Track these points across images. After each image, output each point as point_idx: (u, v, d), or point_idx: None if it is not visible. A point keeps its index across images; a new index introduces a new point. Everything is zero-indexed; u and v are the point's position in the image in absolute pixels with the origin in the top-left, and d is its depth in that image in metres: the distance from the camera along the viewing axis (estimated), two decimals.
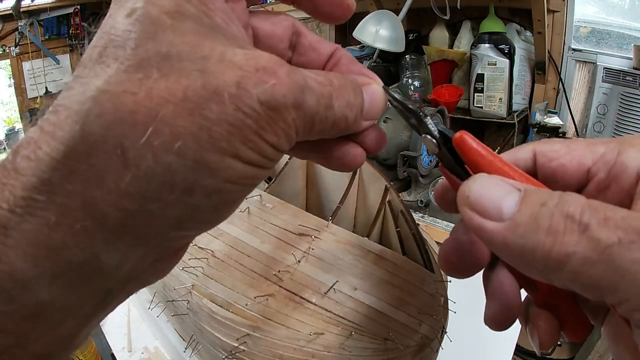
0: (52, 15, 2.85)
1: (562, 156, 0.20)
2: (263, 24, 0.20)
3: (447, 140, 0.20)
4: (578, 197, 0.15)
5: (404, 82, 1.54)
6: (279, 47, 0.20)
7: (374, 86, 0.21)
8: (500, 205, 0.16)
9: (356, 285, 0.31)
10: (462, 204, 0.18)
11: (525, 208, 0.16)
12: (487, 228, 0.16)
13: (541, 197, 0.16)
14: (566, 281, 0.15)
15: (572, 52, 1.35)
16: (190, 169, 0.14)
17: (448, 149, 0.20)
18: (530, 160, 0.21)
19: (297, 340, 0.31)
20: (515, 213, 0.16)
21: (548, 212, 0.15)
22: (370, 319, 0.30)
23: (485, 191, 0.17)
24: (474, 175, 0.18)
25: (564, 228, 0.15)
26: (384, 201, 0.38)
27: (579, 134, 1.38)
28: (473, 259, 0.22)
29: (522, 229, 0.15)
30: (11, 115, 3.10)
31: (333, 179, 0.40)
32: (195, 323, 0.40)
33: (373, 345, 0.30)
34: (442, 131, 0.21)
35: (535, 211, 0.15)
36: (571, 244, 0.14)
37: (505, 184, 0.17)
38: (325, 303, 0.31)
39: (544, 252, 0.15)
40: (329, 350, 0.30)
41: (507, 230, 0.16)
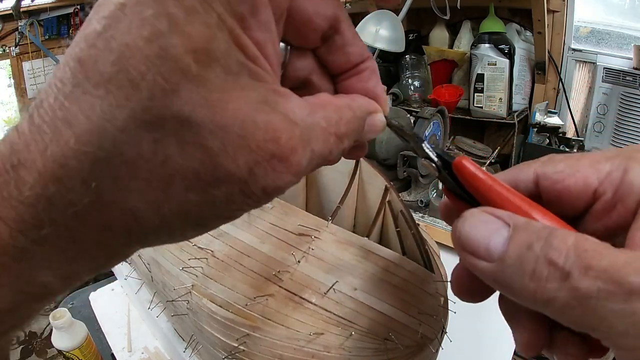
0: (52, 15, 2.85)
1: (566, 178, 0.19)
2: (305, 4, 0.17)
3: (446, 164, 0.21)
4: (565, 238, 0.16)
5: (404, 82, 1.54)
6: (311, 37, 0.18)
7: (379, 115, 0.20)
8: (489, 247, 0.17)
9: (356, 286, 0.31)
10: (454, 244, 0.18)
11: (512, 249, 0.16)
12: (478, 267, 0.17)
13: (528, 237, 0.16)
14: (552, 316, 0.16)
15: (572, 52, 1.35)
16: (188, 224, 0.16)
17: (448, 172, 0.21)
18: (532, 182, 0.20)
19: (297, 340, 0.31)
20: (503, 254, 0.16)
21: (533, 257, 0.16)
22: (370, 319, 0.30)
23: (473, 232, 0.17)
24: (464, 214, 0.18)
25: (546, 275, 0.15)
26: (384, 201, 0.38)
27: (579, 134, 1.38)
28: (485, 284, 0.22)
29: (509, 272, 0.16)
30: (11, 115, 3.10)
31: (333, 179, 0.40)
32: (195, 323, 0.40)
33: (373, 346, 0.30)
34: (440, 155, 0.21)
35: (522, 254, 0.16)
36: (552, 290, 0.15)
37: (494, 220, 0.17)
38: (325, 303, 0.30)
39: (529, 295, 0.16)
40: (329, 350, 0.30)
41: (496, 270, 0.17)
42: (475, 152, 1.35)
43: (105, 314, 0.75)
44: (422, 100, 1.49)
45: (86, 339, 0.67)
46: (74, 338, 0.66)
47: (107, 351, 0.68)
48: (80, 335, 0.66)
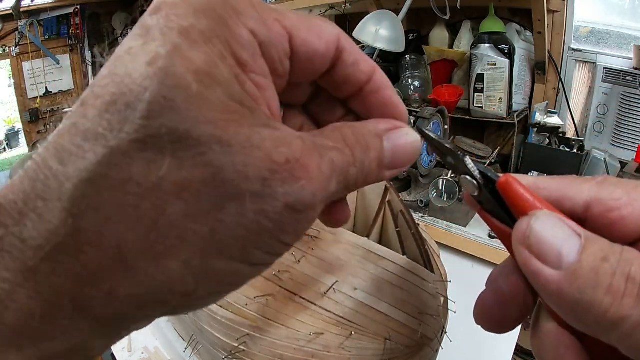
0: (52, 15, 2.86)
1: (623, 206, 0.17)
2: (306, 36, 0.16)
3: (489, 181, 0.19)
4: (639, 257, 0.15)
5: (404, 82, 1.54)
6: (320, 67, 0.17)
7: (402, 131, 0.18)
8: (561, 252, 0.15)
9: (356, 285, 0.31)
10: (519, 244, 0.16)
11: (586, 260, 0.15)
12: (543, 275, 0.15)
13: (602, 250, 0.15)
14: (614, 340, 0.15)
15: (572, 52, 1.35)
16: (193, 276, 0.13)
17: (490, 191, 0.19)
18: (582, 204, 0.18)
19: (297, 340, 0.31)
20: (576, 263, 0.15)
21: (610, 270, 0.14)
22: (370, 319, 0.30)
23: (547, 233, 0.16)
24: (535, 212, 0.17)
25: (624, 290, 0.14)
26: (384, 201, 0.38)
27: (579, 134, 1.38)
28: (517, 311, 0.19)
29: (580, 283, 0.15)
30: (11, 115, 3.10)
31: None
32: (195, 323, 0.40)
33: (373, 345, 0.30)
34: (483, 172, 0.19)
35: (597, 266, 0.15)
36: (628, 307, 0.14)
37: (567, 226, 0.16)
38: (325, 303, 0.31)
39: (600, 311, 0.14)
40: (329, 350, 0.30)
41: (564, 280, 0.15)
42: (475, 152, 1.35)
43: None
44: (422, 100, 1.49)
45: None
46: None
47: (107, 351, 0.68)
48: None
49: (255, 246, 0.14)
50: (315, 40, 0.16)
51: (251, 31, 0.14)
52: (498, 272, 0.21)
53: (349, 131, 0.16)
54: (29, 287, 0.12)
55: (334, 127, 0.17)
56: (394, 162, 0.18)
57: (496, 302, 0.20)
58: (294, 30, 0.15)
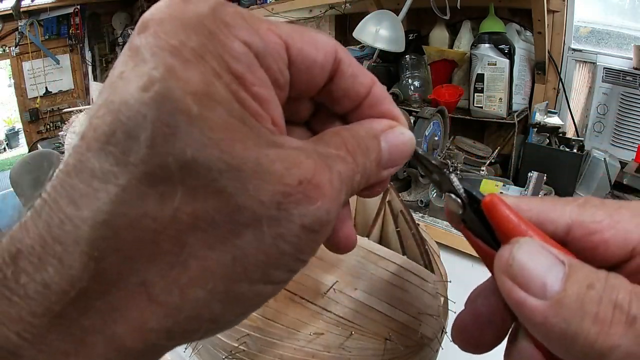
0: (52, 15, 2.86)
1: (605, 229, 0.17)
2: (304, 47, 0.15)
3: (473, 200, 0.19)
4: (625, 283, 0.14)
5: (404, 82, 1.54)
6: (319, 79, 0.17)
7: (396, 130, 0.18)
8: (545, 282, 0.15)
9: (356, 286, 0.31)
10: (501, 272, 0.16)
11: (571, 288, 0.14)
12: (527, 305, 0.15)
13: (587, 277, 0.15)
14: None
15: (572, 52, 1.35)
16: (219, 302, 0.13)
17: (474, 210, 0.19)
18: (564, 227, 0.18)
19: (297, 340, 0.31)
20: (560, 292, 0.14)
21: (596, 297, 0.14)
22: (370, 319, 0.30)
23: (530, 262, 0.15)
24: (517, 239, 0.16)
25: (611, 318, 0.14)
26: (384, 201, 0.38)
27: (579, 134, 1.38)
28: (495, 333, 0.19)
29: (566, 312, 0.14)
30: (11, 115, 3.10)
31: None
32: None
33: (373, 345, 0.30)
34: (468, 191, 0.19)
35: (582, 294, 0.14)
36: (617, 335, 0.13)
37: (550, 254, 0.16)
38: (325, 303, 0.31)
39: (588, 341, 0.14)
40: (329, 350, 0.30)
41: (549, 310, 0.14)
42: (475, 152, 1.35)
43: None
44: (422, 100, 1.49)
45: None
46: None
47: None
48: None
49: (276, 267, 0.14)
50: (312, 50, 0.16)
51: (244, 42, 0.13)
52: (477, 292, 0.21)
53: (348, 135, 0.16)
54: (59, 331, 0.12)
55: (333, 132, 0.16)
56: (391, 161, 0.18)
57: (474, 323, 0.20)
58: (289, 39, 0.15)
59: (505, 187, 1.08)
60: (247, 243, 0.13)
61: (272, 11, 1.94)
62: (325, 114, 0.19)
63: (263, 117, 0.14)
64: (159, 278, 0.12)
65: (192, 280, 0.13)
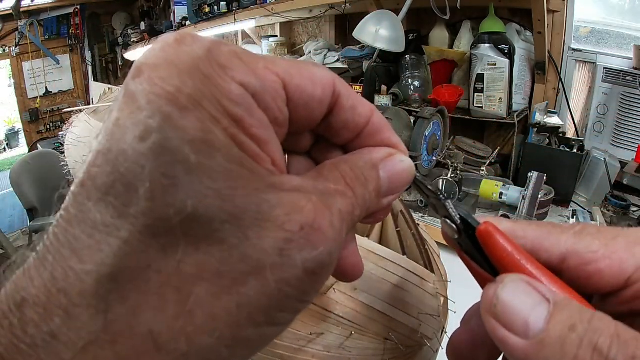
0: (52, 15, 2.86)
1: (600, 259, 0.17)
2: (301, 83, 0.15)
3: (469, 227, 0.19)
4: (608, 324, 0.14)
5: (404, 82, 1.54)
6: (318, 113, 0.17)
7: (395, 158, 0.18)
8: (528, 321, 0.15)
9: (356, 285, 0.31)
10: (486, 312, 0.16)
11: (553, 329, 0.15)
12: (510, 343, 0.15)
13: (571, 317, 0.15)
14: None
15: (572, 52, 1.35)
16: (225, 347, 0.13)
17: (469, 236, 0.19)
18: (558, 256, 0.18)
19: (297, 340, 0.31)
20: (542, 332, 0.15)
21: (577, 340, 0.14)
22: (370, 319, 0.30)
23: (514, 302, 0.16)
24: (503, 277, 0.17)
25: None
26: None
27: (579, 134, 1.38)
28: (488, 353, 0.20)
29: (547, 352, 0.14)
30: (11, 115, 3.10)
31: None
32: None
33: (373, 345, 0.30)
34: (464, 217, 0.19)
35: (564, 335, 0.14)
36: None
37: (535, 292, 0.16)
38: (325, 303, 0.31)
39: None
40: (329, 350, 0.30)
41: (531, 348, 0.15)
42: (475, 152, 1.35)
43: None
44: (422, 100, 1.49)
45: None
46: None
47: None
48: None
49: (280, 310, 0.14)
50: (310, 86, 0.15)
51: (241, 84, 0.13)
52: (472, 312, 0.21)
53: (347, 167, 0.16)
54: None
55: (332, 165, 0.16)
56: (390, 190, 0.18)
57: (469, 342, 0.20)
58: (286, 76, 0.15)
59: (505, 187, 1.08)
60: (251, 290, 0.13)
61: (272, 11, 1.94)
62: (325, 142, 0.19)
63: (263, 158, 0.14)
64: (166, 328, 0.12)
65: (199, 328, 0.13)
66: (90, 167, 0.12)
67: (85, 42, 3.19)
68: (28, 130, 3.11)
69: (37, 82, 3.04)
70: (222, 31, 2.78)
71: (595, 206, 1.14)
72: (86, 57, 3.26)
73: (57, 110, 3.17)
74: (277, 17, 2.07)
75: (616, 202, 1.09)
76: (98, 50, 3.35)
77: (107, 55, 3.48)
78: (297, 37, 2.38)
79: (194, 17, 2.81)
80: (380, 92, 1.52)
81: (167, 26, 3.31)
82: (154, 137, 0.12)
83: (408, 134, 1.14)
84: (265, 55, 0.13)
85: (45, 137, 3.13)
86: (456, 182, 1.06)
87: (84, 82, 3.20)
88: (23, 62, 2.90)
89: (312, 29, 2.25)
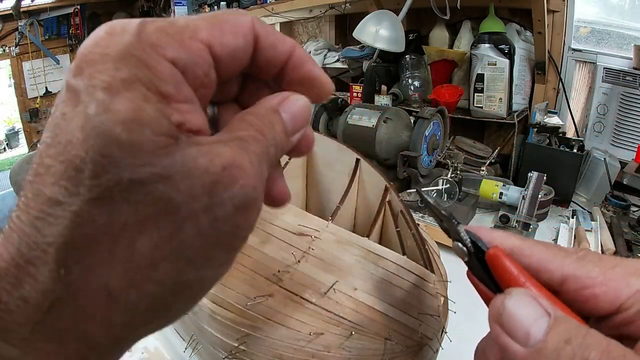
0: (52, 15, 2.86)
1: (597, 285, 0.19)
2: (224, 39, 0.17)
3: (479, 250, 0.21)
4: (600, 341, 0.16)
5: (404, 82, 1.54)
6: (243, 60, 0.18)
7: (291, 99, 0.20)
8: (529, 332, 0.17)
9: (356, 285, 0.31)
10: (493, 320, 0.19)
11: (551, 340, 0.17)
12: (510, 349, 0.17)
13: (567, 332, 0.17)
14: None
15: (572, 52, 1.35)
16: (170, 293, 0.15)
17: (478, 259, 0.21)
18: (558, 278, 0.20)
19: (297, 340, 0.31)
20: (541, 342, 0.17)
21: (571, 352, 0.16)
22: (370, 319, 0.30)
23: (519, 312, 0.18)
24: (510, 290, 0.19)
25: None
26: (384, 201, 0.38)
27: (579, 134, 1.38)
28: None
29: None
30: (11, 115, 3.10)
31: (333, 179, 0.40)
32: (196, 323, 0.40)
33: (373, 345, 0.30)
34: (474, 241, 0.21)
35: (560, 347, 0.16)
36: None
37: (538, 306, 0.18)
38: (325, 303, 0.30)
39: None
40: (329, 350, 0.30)
41: (529, 356, 0.17)
42: (475, 152, 1.35)
43: None
44: (422, 100, 1.49)
45: None
46: None
47: None
48: None
49: (218, 248, 0.16)
50: (232, 38, 0.17)
51: (172, 61, 0.15)
52: (485, 343, 0.22)
53: (252, 117, 0.18)
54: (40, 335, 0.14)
55: (239, 118, 0.18)
56: (294, 127, 0.19)
57: None
58: (210, 38, 0.16)
59: (505, 187, 1.08)
60: (188, 234, 0.15)
61: (272, 11, 1.94)
62: (252, 85, 0.21)
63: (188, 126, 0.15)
64: (118, 279, 0.14)
65: (145, 277, 0.15)
66: (43, 158, 0.14)
67: None
68: (28, 130, 3.11)
69: (37, 82, 3.04)
70: None
71: (595, 206, 1.14)
72: None
73: None
74: (277, 17, 2.07)
75: (616, 202, 1.09)
76: None
77: None
78: (297, 37, 2.38)
79: None
80: (380, 92, 1.52)
81: None
82: (91, 124, 0.13)
83: (408, 134, 1.14)
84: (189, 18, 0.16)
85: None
86: (456, 182, 1.06)
87: None
88: (23, 62, 2.90)
89: (312, 29, 2.25)
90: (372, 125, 1.17)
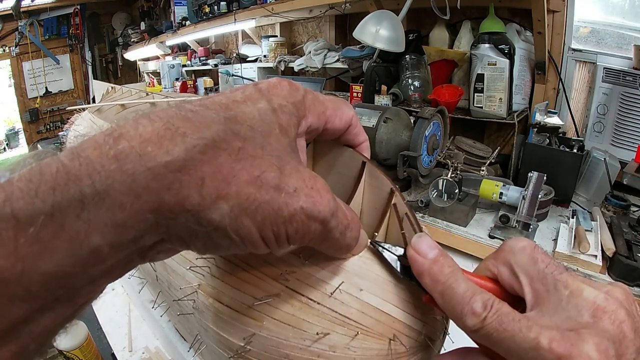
0: (52, 15, 2.85)
1: None
2: (335, 121, 0.30)
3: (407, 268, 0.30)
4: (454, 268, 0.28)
5: (404, 82, 1.54)
6: (336, 134, 0.31)
7: None
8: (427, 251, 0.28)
9: (362, 286, 0.31)
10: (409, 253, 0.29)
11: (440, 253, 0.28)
12: (419, 261, 0.28)
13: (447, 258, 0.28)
14: None
15: (572, 52, 1.35)
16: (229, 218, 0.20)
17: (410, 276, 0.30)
18: None
19: (303, 340, 0.31)
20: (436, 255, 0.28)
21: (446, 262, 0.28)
22: (375, 320, 0.31)
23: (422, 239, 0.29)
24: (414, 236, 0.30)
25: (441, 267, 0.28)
26: (390, 204, 0.38)
27: (579, 134, 1.39)
28: None
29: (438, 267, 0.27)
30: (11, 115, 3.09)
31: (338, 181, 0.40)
32: (201, 322, 0.40)
33: (378, 346, 0.31)
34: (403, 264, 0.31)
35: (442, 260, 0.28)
36: None
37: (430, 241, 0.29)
38: (331, 303, 0.31)
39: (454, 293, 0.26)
40: (335, 350, 0.31)
41: (430, 264, 0.28)
42: (475, 152, 1.36)
43: (106, 313, 0.75)
44: (422, 100, 1.50)
45: (87, 339, 0.68)
46: (75, 338, 0.66)
47: (108, 351, 0.69)
48: (80, 335, 0.67)
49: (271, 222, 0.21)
50: (338, 122, 0.30)
51: (310, 125, 0.27)
52: None
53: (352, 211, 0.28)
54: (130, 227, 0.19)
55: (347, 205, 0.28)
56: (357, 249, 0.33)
57: None
58: (329, 118, 0.29)
59: (505, 187, 1.09)
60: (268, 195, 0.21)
61: (272, 11, 1.94)
62: None
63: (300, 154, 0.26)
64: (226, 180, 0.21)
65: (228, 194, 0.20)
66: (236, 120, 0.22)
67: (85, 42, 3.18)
68: (28, 130, 3.11)
69: (37, 82, 3.03)
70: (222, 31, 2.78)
71: (595, 206, 1.14)
72: (86, 57, 3.26)
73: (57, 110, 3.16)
74: (277, 17, 2.07)
75: (616, 202, 1.10)
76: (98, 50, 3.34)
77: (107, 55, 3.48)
78: (297, 37, 2.38)
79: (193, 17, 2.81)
80: (380, 92, 1.52)
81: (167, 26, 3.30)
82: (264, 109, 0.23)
83: (408, 134, 1.14)
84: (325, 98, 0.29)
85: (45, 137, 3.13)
86: (456, 182, 1.06)
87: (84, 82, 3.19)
88: (23, 62, 2.89)
89: (312, 29, 2.25)
90: (372, 125, 1.17)
